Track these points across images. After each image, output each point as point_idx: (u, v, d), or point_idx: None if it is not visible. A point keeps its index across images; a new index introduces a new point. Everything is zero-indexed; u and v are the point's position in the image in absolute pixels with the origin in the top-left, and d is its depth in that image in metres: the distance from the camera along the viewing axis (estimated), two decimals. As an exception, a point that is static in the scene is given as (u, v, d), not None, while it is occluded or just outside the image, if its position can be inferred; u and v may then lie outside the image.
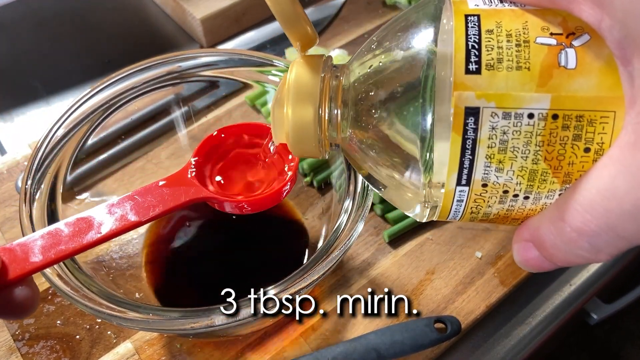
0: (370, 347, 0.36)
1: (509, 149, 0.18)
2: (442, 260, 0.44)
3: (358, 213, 0.32)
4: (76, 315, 0.41)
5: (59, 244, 0.25)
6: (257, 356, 0.39)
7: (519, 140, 0.18)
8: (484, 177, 0.19)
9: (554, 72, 0.17)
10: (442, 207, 0.21)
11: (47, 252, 0.24)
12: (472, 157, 0.18)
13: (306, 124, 0.23)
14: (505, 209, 0.20)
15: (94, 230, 0.26)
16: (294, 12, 0.23)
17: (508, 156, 0.18)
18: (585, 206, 0.17)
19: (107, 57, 0.62)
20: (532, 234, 0.19)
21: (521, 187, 0.19)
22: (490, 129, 0.18)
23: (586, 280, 0.45)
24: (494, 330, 0.42)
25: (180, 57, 0.39)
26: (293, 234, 0.43)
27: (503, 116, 0.18)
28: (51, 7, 0.67)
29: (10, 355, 0.39)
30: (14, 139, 0.55)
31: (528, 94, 0.18)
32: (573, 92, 0.17)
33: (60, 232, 0.25)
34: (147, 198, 0.28)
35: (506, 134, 0.18)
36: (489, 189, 0.19)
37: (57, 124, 0.36)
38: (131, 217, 0.27)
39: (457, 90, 0.18)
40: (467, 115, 0.18)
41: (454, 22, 0.19)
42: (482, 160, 0.18)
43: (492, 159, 0.18)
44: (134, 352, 0.39)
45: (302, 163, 0.46)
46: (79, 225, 0.26)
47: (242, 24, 0.63)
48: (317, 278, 0.29)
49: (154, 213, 0.27)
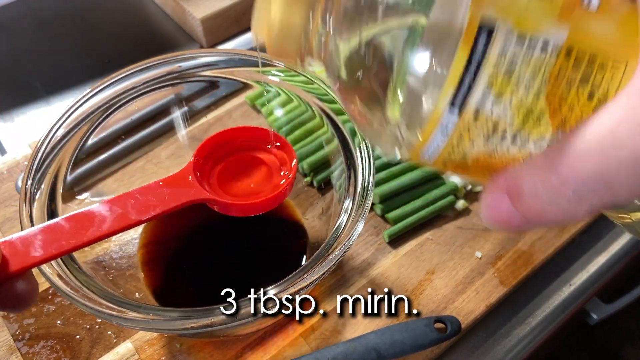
0: (370, 347, 0.36)
1: (513, 77, 0.17)
2: (442, 260, 0.44)
3: (358, 213, 0.32)
4: (76, 315, 0.41)
5: (59, 239, 0.25)
6: (257, 356, 0.39)
7: (527, 69, 0.17)
8: (479, 103, 0.18)
9: (577, 8, 0.17)
10: (423, 136, 0.19)
11: (48, 247, 0.24)
12: (474, 77, 0.17)
13: (293, 23, 0.21)
14: (487, 151, 0.19)
15: (95, 227, 0.26)
16: None
17: (511, 85, 0.17)
18: (579, 152, 0.16)
19: (107, 57, 0.62)
20: (510, 182, 0.18)
21: (513, 125, 0.18)
22: (501, 49, 0.17)
23: (586, 280, 0.45)
24: (494, 330, 0.42)
25: (181, 57, 0.39)
26: (292, 234, 0.43)
27: (517, 40, 0.17)
28: (51, 7, 0.67)
29: (10, 355, 0.39)
30: (14, 139, 0.55)
31: (548, 22, 0.17)
32: (591, 32, 0.17)
33: (61, 227, 0.25)
34: (148, 197, 0.28)
35: (515, 60, 0.17)
36: (479, 121, 0.18)
37: (57, 124, 0.36)
38: (132, 216, 0.27)
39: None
40: (482, 27, 0.17)
41: None
42: (483, 83, 0.17)
43: (494, 84, 0.17)
44: (134, 352, 0.39)
45: (302, 163, 0.46)
46: (80, 221, 0.26)
47: (242, 24, 0.63)
48: (317, 278, 0.29)
49: (154, 212, 0.27)
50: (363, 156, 0.35)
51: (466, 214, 0.47)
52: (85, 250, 0.36)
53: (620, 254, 0.47)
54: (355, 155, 0.35)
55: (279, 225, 0.44)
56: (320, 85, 0.38)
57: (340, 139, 0.37)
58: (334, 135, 0.37)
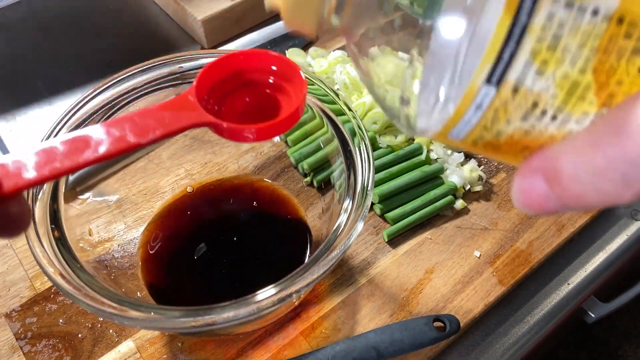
0: (370, 346, 0.37)
1: (559, 48, 0.16)
2: (441, 260, 0.44)
3: (358, 213, 0.32)
4: (78, 314, 0.41)
5: (53, 161, 0.24)
6: (257, 354, 0.39)
7: (574, 39, 0.15)
8: (520, 78, 0.16)
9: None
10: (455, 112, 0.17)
11: (41, 169, 0.23)
12: (516, 48, 0.16)
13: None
14: (524, 129, 0.17)
15: (91, 149, 0.24)
16: None
17: (556, 57, 0.16)
18: (630, 130, 0.14)
19: (109, 58, 0.62)
20: (547, 163, 0.16)
21: (555, 102, 0.16)
22: (547, 16, 0.15)
23: (584, 279, 0.46)
24: (493, 329, 0.42)
25: (182, 58, 0.39)
26: (295, 232, 0.43)
27: (566, 4, 0.15)
28: (54, 9, 0.68)
29: (12, 354, 0.39)
30: (16, 139, 0.55)
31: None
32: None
33: (56, 149, 0.24)
34: (147, 120, 0.26)
35: (562, 28, 0.15)
36: (518, 97, 0.16)
37: (59, 124, 0.36)
38: (130, 138, 0.25)
39: None
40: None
41: None
42: (526, 55, 0.16)
43: (537, 56, 0.16)
44: (135, 351, 0.39)
45: (302, 163, 0.46)
46: (75, 144, 0.24)
47: (243, 25, 0.64)
48: (316, 277, 0.30)
49: (153, 135, 0.26)
50: (363, 156, 0.35)
51: (465, 214, 0.47)
52: (87, 249, 0.36)
53: (618, 253, 0.48)
54: (355, 155, 0.35)
55: (281, 223, 0.44)
56: (320, 86, 0.38)
57: (340, 139, 0.37)
58: (334, 135, 0.37)
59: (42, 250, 0.31)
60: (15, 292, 0.42)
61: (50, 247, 0.31)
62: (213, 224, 0.44)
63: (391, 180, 0.47)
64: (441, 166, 0.48)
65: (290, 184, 0.46)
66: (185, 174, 0.46)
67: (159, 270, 0.40)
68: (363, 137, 0.35)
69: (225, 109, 0.31)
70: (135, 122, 0.26)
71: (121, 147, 0.25)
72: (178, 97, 0.28)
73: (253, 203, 0.45)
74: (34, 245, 0.31)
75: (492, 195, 0.48)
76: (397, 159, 0.48)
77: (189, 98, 0.28)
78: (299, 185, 0.46)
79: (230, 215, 0.45)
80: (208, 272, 0.41)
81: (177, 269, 0.41)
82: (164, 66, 0.39)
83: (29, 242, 0.31)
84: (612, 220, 0.49)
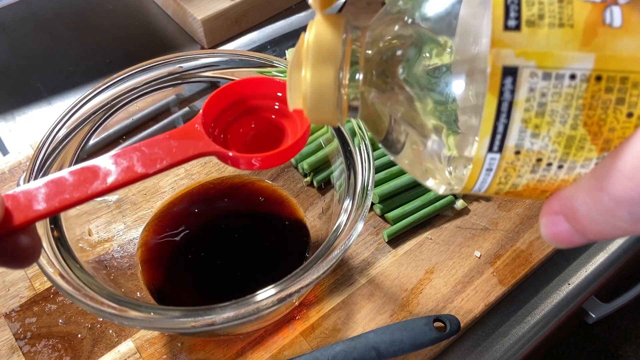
0: (370, 346, 0.37)
1: (547, 113, 0.17)
2: (441, 260, 0.44)
3: (358, 213, 0.32)
4: (78, 314, 0.41)
5: (63, 192, 0.24)
6: (257, 355, 0.39)
7: (558, 103, 0.17)
8: (518, 143, 0.18)
9: (599, 30, 0.16)
10: (469, 177, 0.19)
11: (51, 201, 0.24)
12: (507, 121, 0.17)
13: (326, 87, 0.22)
14: (536, 179, 0.19)
15: (99, 180, 0.25)
16: None
17: (546, 120, 0.17)
18: (626, 172, 0.15)
19: (108, 58, 0.62)
20: (564, 205, 0.18)
21: (556, 155, 0.18)
22: (528, 90, 0.17)
23: (584, 279, 0.46)
24: (493, 329, 0.42)
25: (182, 58, 0.39)
26: (295, 232, 0.43)
27: (543, 77, 0.17)
28: (53, 8, 0.68)
29: (12, 354, 0.39)
30: (16, 139, 0.55)
31: (571, 53, 0.17)
32: (618, 52, 0.16)
33: (65, 180, 0.24)
34: (154, 150, 0.26)
35: (545, 96, 0.17)
36: (521, 157, 0.18)
37: (59, 124, 0.36)
38: (138, 169, 0.26)
39: (494, 48, 0.17)
40: (505, 74, 0.17)
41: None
42: (518, 124, 0.17)
43: (528, 123, 0.17)
44: (135, 351, 0.39)
45: (302, 163, 0.46)
46: (84, 175, 0.25)
47: (242, 25, 0.64)
48: (316, 277, 0.30)
49: (161, 165, 0.26)
50: (363, 156, 0.35)
51: (465, 214, 0.47)
52: (86, 249, 0.36)
53: (619, 253, 0.48)
54: (355, 155, 0.35)
55: (281, 222, 0.44)
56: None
57: (340, 139, 0.37)
58: (334, 135, 0.37)
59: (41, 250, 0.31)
60: (14, 292, 0.42)
61: (50, 247, 0.31)
62: (213, 224, 0.44)
63: (391, 180, 0.46)
64: (441, 166, 0.48)
65: (290, 184, 0.46)
66: (184, 173, 0.46)
67: (159, 270, 0.40)
68: (363, 137, 0.35)
69: (231, 135, 0.31)
70: (143, 152, 0.26)
71: (129, 177, 0.26)
72: (185, 126, 0.29)
73: (253, 203, 0.45)
74: (34, 246, 0.31)
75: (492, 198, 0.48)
76: (397, 159, 0.48)
77: (196, 127, 0.29)
78: (299, 185, 0.46)
79: (230, 216, 0.45)
80: (208, 272, 0.41)
81: (177, 269, 0.41)
82: (164, 66, 0.39)
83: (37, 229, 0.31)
84: (613, 220, 0.49)
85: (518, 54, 0.17)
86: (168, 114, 0.43)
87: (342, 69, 0.22)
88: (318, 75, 0.22)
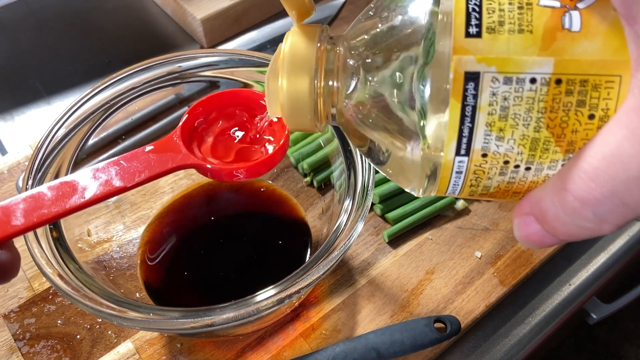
0: (370, 347, 0.36)
1: (510, 116, 0.18)
2: (441, 260, 0.44)
3: (358, 213, 0.32)
4: (77, 315, 0.41)
5: (41, 207, 0.24)
6: (257, 356, 0.39)
7: (520, 106, 0.17)
8: (484, 146, 0.18)
9: (558, 35, 0.17)
10: (441, 180, 0.20)
11: (29, 216, 0.24)
12: (472, 125, 0.18)
13: (301, 95, 0.23)
14: (505, 181, 0.19)
15: (78, 194, 0.25)
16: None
17: (509, 124, 0.18)
18: (589, 173, 0.16)
19: (107, 58, 0.62)
20: (533, 206, 0.18)
21: (522, 157, 0.18)
22: (490, 95, 0.17)
23: (585, 280, 0.46)
24: (494, 330, 0.42)
25: (181, 58, 0.39)
26: (295, 233, 0.43)
27: (504, 81, 0.17)
28: (52, 8, 0.67)
29: (11, 354, 0.39)
30: (15, 139, 0.55)
31: (530, 58, 0.17)
32: (577, 56, 0.17)
33: (43, 195, 0.25)
34: (133, 163, 0.27)
35: (507, 100, 0.17)
36: (489, 160, 0.19)
37: (57, 124, 0.36)
38: (116, 183, 0.26)
39: (456, 54, 0.17)
40: (467, 80, 0.17)
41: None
42: (482, 128, 0.18)
43: (492, 126, 0.18)
44: (134, 352, 0.39)
45: (302, 163, 0.46)
46: (63, 189, 0.25)
47: (242, 25, 0.63)
48: (317, 278, 0.29)
49: (139, 179, 0.26)
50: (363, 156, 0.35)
51: (466, 214, 0.47)
52: (85, 250, 0.36)
53: (620, 253, 0.47)
54: (355, 155, 0.35)
55: (281, 223, 0.44)
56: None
57: (340, 139, 0.37)
58: (334, 135, 0.37)
59: (40, 251, 0.30)
60: (13, 293, 0.42)
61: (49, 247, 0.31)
62: (213, 224, 0.44)
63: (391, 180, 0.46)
64: (442, 166, 0.48)
65: (290, 184, 0.46)
66: (184, 173, 0.46)
67: (158, 270, 0.40)
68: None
69: (213, 148, 0.32)
70: (122, 166, 0.27)
71: (107, 191, 0.26)
72: (164, 139, 0.29)
73: (253, 203, 0.45)
74: (32, 246, 0.31)
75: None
76: (398, 159, 0.48)
77: (174, 139, 0.29)
78: (299, 185, 0.46)
79: (230, 216, 0.45)
80: (208, 273, 0.41)
81: (177, 270, 0.41)
82: (163, 65, 0.39)
83: (27, 243, 0.31)
84: (614, 221, 0.49)
85: (479, 59, 0.17)
86: (167, 113, 0.43)
87: (317, 78, 0.22)
88: (294, 83, 0.23)
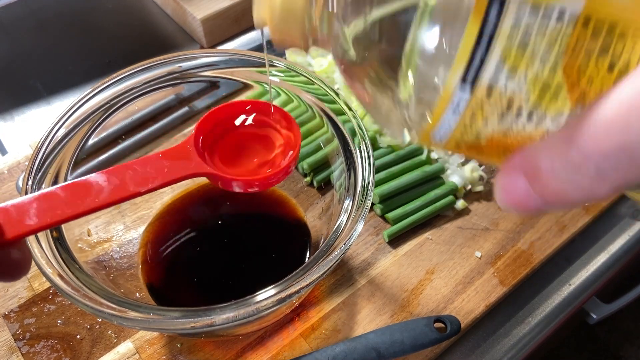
0: (370, 347, 0.36)
1: (528, 50, 0.16)
2: (441, 260, 0.44)
3: (358, 213, 0.32)
4: (77, 315, 0.41)
5: (55, 207, 0.24)
6: (257, 355, 0.39)
7: (542, 42, 0.16)
8: (492, 79, 0.17)
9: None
10: (433, 117, 0.18)
11: (43, 215, 0.24)
12: (486, 51, 0.16)
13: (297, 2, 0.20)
14: (502, 129, 0.18)
15: (92, 196, 0.25)
16: None
17: (525, 59, 0.16)
18: (600, 123, 0.15)
19: (107, 58, 0.62)
20: (527, 160, 0.17)
21: (528, 101, 0.17)
22: (514, 21, 0.16)
23: (585, 280, 0.46)
24: (494, 330, 0.42)
25: (181, 58, 0.39)
26: (295, 233, 0.43)
27: (531, 10, 0.16)
28: (52, 8, 0.67)
29: (11, 354, 0.39)
30: (15, 139, 0.55)
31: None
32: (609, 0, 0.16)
33: (57, 196, 0.24)
34: (147, 169, 0.27)
35: (529, 32, 0.16)
36: (492, 98, 0.17)
37: (57, 124, 0.36)
38: (130, 187, 0.26)
39: None
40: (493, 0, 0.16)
41: None
42: (496, 57, 0.16)
43: (507, 58, 0.16)
44: (134, 352, 0.39)
45: (302, 163, 0.46)
46: (77, 191, 0.25)
47: (242, 25, 0.63)
48: (317, 278, 0.29)
49: (152, 185, 0.27)
50: (363, 156, 0.35)
51: (466, 214, 0.47)
52: (85, 250, 0.36)
53: (620, 253, 0.47)
54: (355, 155, 0.35)
55: (281, 223, 0.44)
56: (320, 86, 0.38)
57: (340, 139, 0.37)
58: (334, 135, 0.37)
59: (40, 251, 0.30)
60: (13, 293, 0.42)
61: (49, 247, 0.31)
62: (213, 224, 0.44)
63: (392, 180, 0.46)
64: (442, 166, 0.48)
65: (290, 184, 0.46)
66: (184, 174, 0.46)
67: (159, 270, 0.40)
68: (363, 137, 0.35)
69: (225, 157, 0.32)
70: (136, 171, 0.27)
71: (121, 195, 0.26)
72: (178, 146, 0.29)
73: (253, 203, 0.45)
74: (32, 246, 0.30)
75: (493, 195, 0.48)
76: (398, 159, 0.48)
77: (188, 147, 0.29)
78: (299, 185, 0.46)
79: (230, 216, 0.45)
80: (208, 273, 0.41)
81: (177, 270, 0.41)
82: (163, 65, 0.39)
83: (27, 243, 0.31)
84: (614, 221, 0.49)
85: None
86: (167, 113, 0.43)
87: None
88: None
